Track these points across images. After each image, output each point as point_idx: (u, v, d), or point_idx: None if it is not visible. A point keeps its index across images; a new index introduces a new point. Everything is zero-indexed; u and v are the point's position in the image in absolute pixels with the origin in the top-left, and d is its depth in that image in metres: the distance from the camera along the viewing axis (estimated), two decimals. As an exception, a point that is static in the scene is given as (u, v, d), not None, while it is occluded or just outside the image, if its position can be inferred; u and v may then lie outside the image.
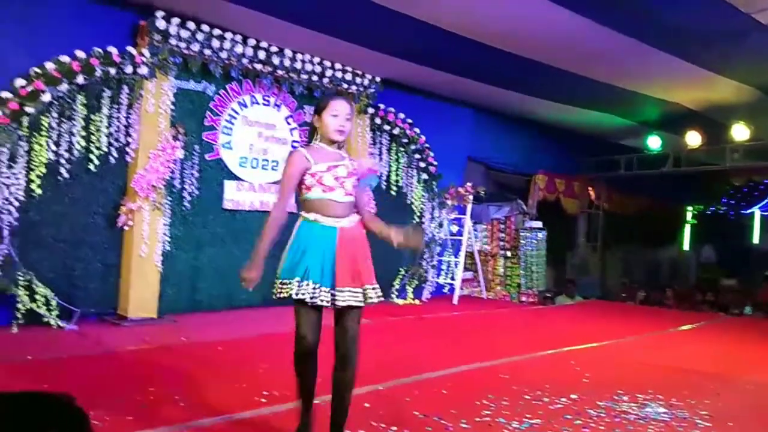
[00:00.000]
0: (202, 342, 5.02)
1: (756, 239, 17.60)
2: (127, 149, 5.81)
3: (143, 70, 5.74)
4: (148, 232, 5.80)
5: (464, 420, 3.20)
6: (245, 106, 6.84)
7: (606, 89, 8.22)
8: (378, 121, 7.83)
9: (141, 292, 5.78)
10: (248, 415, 3.18)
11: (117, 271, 5.87)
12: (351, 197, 2.84)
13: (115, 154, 5.74)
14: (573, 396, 3.77)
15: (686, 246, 15.57)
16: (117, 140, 5.76)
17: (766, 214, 16.57)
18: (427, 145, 8.35)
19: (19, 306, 5.05)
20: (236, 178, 6.74)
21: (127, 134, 5.81)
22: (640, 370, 4.72)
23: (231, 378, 3.87)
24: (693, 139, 10.21)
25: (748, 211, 16.33)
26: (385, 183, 8.07)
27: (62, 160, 5.42)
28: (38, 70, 5.19)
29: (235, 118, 6.74)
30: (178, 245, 6.24)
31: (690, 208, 15.42)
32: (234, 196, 6.70)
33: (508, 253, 10.17)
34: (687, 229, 15.68)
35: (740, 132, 9.57)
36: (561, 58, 7.12)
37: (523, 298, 9.85)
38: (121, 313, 5.77)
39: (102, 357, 4.44)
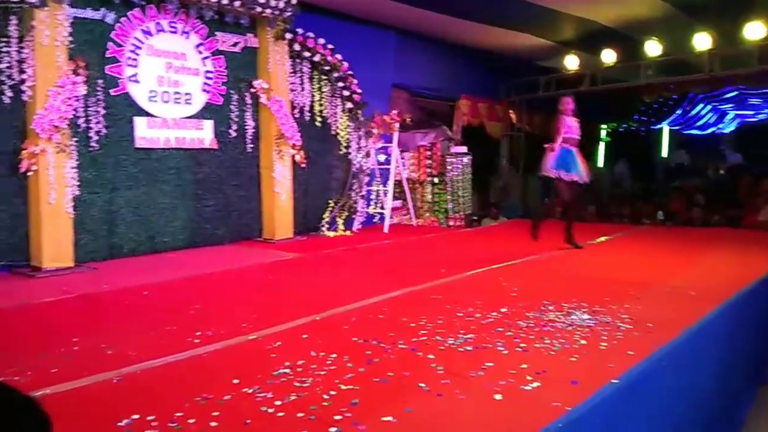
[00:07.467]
0: (126, 288, 4.81)
1: (665, 153, 18.62)
2: (23, 87, 5.34)
3: (32, -3, 5.19)
4: (55, 177, 5.43)
5: (402, 341, 3.24)
6: (150, 34, 6.34)
7: (526, 7, 8.18)
8: (297, 47, 7.49)
9: (54, 240, 5.45)
10: (182, 357, 3.09)
11: (26, 220, 5.51)
12: None
13: (9, 93, 5.28)
14: (503, 310, 3.89)
15: (600, 163, 16.21)
16: (10, 77, 5.29)
17: (674, 128, 17.46)
18: (350, 72, 8.10)
19: None
20: (146, 113, 6.33)
21: (21, 71, 5.33)
22: (564, 281, 4.94)
23: (161, 322, 3.74)
24: (608, 56, 10.45)
25: (658, 126, 17.12)
26: (309, 114, 7.82)
27: (-52, 103, 4.90)
28: None
29: (139, 48, 6.26)
30: (90, 189, 5.88)
31: (604, 126, 15.96)
32: (146, 134, 6.31)
33: (435, 180, 10.26)
34: (601, 147, 16.27)
35: (653, 48, 9.86)
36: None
37: (451, 223, 10.05)
38: (35, 264, 5.46)
39: (18, 310, 4.17)
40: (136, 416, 2.32)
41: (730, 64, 9.68)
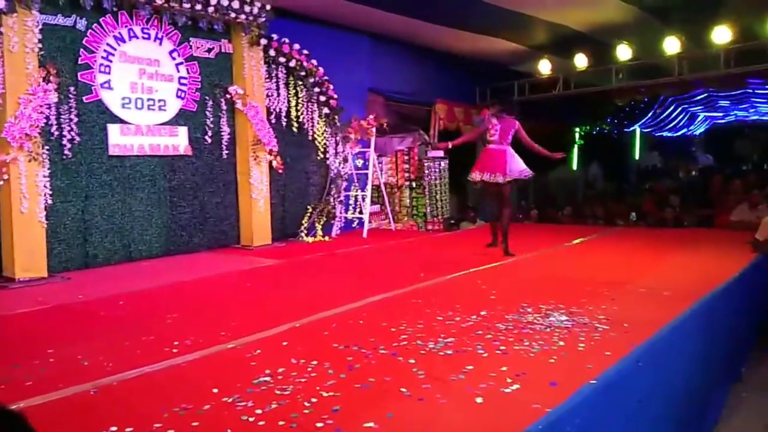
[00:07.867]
0: (102, 298, 4.73)
1: (637, 155, 18.94)
2: (-8, 95, 5.23)
3: (0, 3, 5.09)
4: (27, 186, 5.33)
5: (383, 346, 3.24)
6: (123, 41, 6.27)
7: (498, 12, 8.27)
8: (272, 53, 7.46)
9: (27, 250, 5.35)
10: (160, 367, 3.05)
11: (-4, 231, 5.39)
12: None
13: (-23, 101, 5.14)
14: (482, 313, 3.91)
15: (575, 166, 16.42)
16: (-22, 85, 5.15)
17: (645, 131, 17.78)
18: (326, 77, 8.09)
19: None
20: (120, 120, 6.25)
21: (-11, 78, 5.20)
22: (542, 283, 4.98)
23: (137, 332, 3.68)
24: (580, 61, 10.60)
25: (630, 129, 17.41)
26: (285, 119, 7.79)
27: None
28: None
29: (112, 54, 6.17)
30: (63, 197, 5.78)
31: (578, 129, 16.19)
32: (120, 141, 6.23)
33: (413, 184, 10.30)
34: (575, 150, 16.49)
35: (623, 52, 10.04)
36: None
37: (430, 227, 10.10)
38: (8, 274, 5.36)
39: (-11, 323, 4.08)
40: (113, 428, 2.28)
41: (699, 67, 9.90)
